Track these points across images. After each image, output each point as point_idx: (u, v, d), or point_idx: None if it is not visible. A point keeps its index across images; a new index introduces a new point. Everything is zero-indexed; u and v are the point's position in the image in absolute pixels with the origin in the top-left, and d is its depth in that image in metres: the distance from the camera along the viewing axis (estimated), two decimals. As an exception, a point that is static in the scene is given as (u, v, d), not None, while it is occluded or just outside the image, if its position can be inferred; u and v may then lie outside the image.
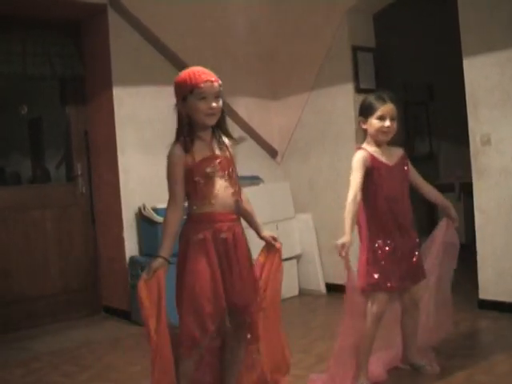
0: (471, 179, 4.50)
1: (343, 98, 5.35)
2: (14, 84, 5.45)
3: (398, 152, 3.29)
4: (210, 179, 2.62)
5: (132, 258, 5.00)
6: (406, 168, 3.28)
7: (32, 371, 3.91)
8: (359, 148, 3.23)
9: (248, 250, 2.75)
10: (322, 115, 5.56)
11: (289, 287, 5.55)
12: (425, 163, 6.92)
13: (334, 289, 5.45)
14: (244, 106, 5.81)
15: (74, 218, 5.34)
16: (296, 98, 5.82)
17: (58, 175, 5.80)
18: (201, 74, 2.62)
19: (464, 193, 6.45)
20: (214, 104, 2.61)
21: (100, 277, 5.39)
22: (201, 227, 2.61)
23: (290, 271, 5.60)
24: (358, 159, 3.16)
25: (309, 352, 3.87)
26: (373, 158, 3.16)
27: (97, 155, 5.37)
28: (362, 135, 3.29)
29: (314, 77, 5.58)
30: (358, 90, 5.26)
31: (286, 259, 5.56)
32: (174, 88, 2.66)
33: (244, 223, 2.84)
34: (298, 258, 5.66)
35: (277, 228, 5.47)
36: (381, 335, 3.30)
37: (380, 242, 3.15)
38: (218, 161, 2.66)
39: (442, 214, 3.46)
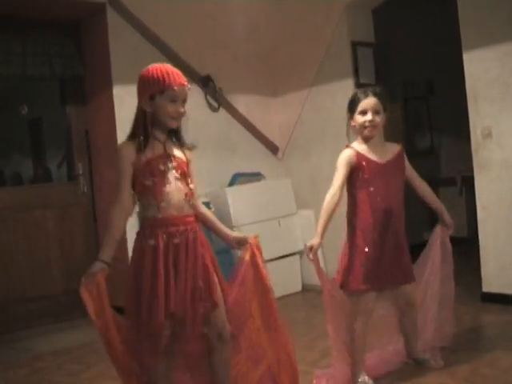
0: (472, 173, 4.50)
1: (343, 94, 5.29)
2: (13, 84, 5.45)
3: (394, 149, 3.23)
4: (162, 177, 2.53)
5: (134, 257, 4.99)
6: (401, 165, 3.22)
7: (35, 371, 3.92)
8: (347, 146, 3.20)
9: (204, 255, 2.61)
10: (322, 112, 5.56)
11: (292, 283, 5.56)
12: (426, 158, 6.94)
13: (336, 284, 5.44)
14: (244, 104, 5.83)
15: (76, 218, 5.34)
16: (296, 95, 5.82)
17: (60, 175, 5.81)
18: (175, 75, 2.53)
19: (465, 187, 6.45)
20: (181, 109, 2.55)
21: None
22: (154, 232, 2.54)
23: (292, 267, 5.61)
24: (343, 158, 3.13)
25: (312, 348, 3.87)
26: (360, 156, 3.12)
27: (98, 154, 5.37)
28: (352, 133, 3.25)
29: (314, 73, 5.58)
30: (359, 86, 5.24)
31: (289, 255, 5.58)
32: (141, 83, 2.58)
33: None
34: (300, 253, 5.66)
35: (279, 224, 5.48)
36: (379, 333, 3.31)
37: (363, 242, 3.11)
38: (170, 159, 2.57)
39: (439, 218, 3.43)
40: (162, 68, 2.55)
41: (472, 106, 4.43)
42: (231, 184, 5.50)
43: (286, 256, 5.55)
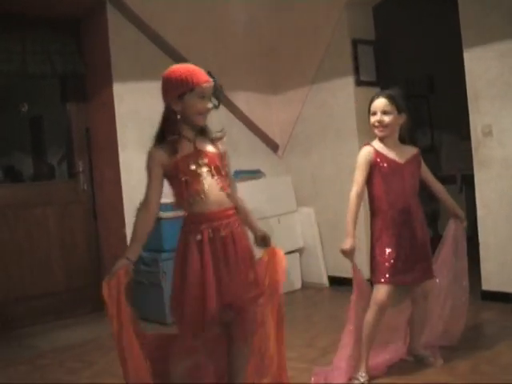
0: (473, 171, 4.51)
1: (344, 92, 5.35)
2: (14, 82, 5.46)
3: (412, 150, 3.33)
4: (195, 176, 2.56)
5: (135, 254, 5.00)
6: (419, 166, 3.32)
7: (37, 368, 3.92)
8: (366, 144, 3.27)
9: (248, 246, 2.69)
10: (323, 109, 5.56)
11: (292, 280, 5.56)
12: (426, 156, 6.89)
13: (336, 282, 5.46)
14: (245, 101, 5.82)
15: (76, 215, 5.34)
16: (296, 93, 5.82)
17: (60, 172, 5.81)
18: (201, 73, 2.58)
19: (466, 185, 6.45)
20: (209, 105, 2.60)
21: (103, 273, 5.38)
22: (199, 227, 2.56)
23: (292, 264, 5.61)
24: (361, 155, 3.21)
25: (312, 345, 3.88)
26: (378, 154, 3.19)
27: (98, 152, 5.37)
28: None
29: (315, 71, 5.57)
30: (359, 83, 5.26)
31: (289, 252, 5.58)
32: (168, 84, 2.59)
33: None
34: (300, 251, 5.67)
35: (279, 222, 5.49)
36: (382, 330, 3.32)
37: (387, 237, 3.17)
38: (202, 156, 2.60)
39: (448, 214, 3.54)
40: (186, 67, 2.59)
41: (472, 104, 4.43)
42: (231, 181, 5.50)
43: (286, 254, 5.51)
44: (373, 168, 3.18)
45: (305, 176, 5.80)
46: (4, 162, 5.97)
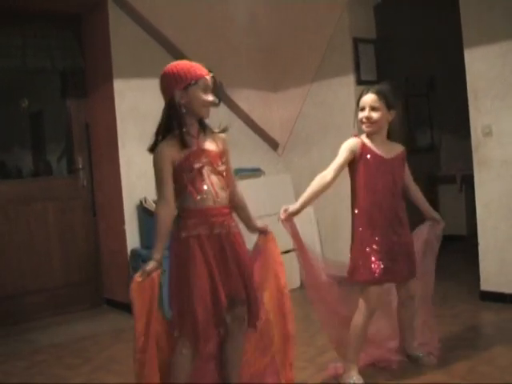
0: (472, 171, 4.50)
1: (344, 90, 5.34)
2: (14, 77, 5.44)
3: (398, 148, 3.23)
4: (199, 174, 2.59)
5: (133, 251, 5.00)
6: (403, 165, 3.24)
7: (35, 364, 3.92)
8: (355, 136, 3.21)
9: (243, 245, 2.74)
10: (323, 107, 5.56)
11: (290, 279, 5.51)
12: (426, 155, 6.94)
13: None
14: (245, 98, 5.82)
15: (76, 211, 5.34)
16: (297, 90, 5.81)
17: (60, 168, 5.80)
18: (202, 67, 2.64)
19: (465, 184, 6.45)
20: (211, 98, 2.63)
21: (102, 269, 5.40)
22: (195, 223, 2.59)
23: (291, 263, 5.58)
24: (346, 144, 3.15)
25: (311, 344, 3.88)
26: (364, 147, 3.12)
27: (98, 148, 5.37)
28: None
29: (315, 69, 5.57)
30: (359, 82, 5.26)
31: (287, 251, 5.56)
32: (172, 77, 2.60)
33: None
34: (299, 250, 5.66)
35: (278, 220, 5.47)
36: (378, 328, 3.32)
37: (371, 235, 3.10)
38: (205, 155, 2.63)
39: (425, 216, 3.42)
40: (188, 62, 2.65)
41: (472, 103, 4.43)
42: (231, 179, 5.49)
43: (285, 252, 5.51)
44: (356, 160, 3.12)
45: (305, 174, 5.77)
46: (2, 158, 5.96)
